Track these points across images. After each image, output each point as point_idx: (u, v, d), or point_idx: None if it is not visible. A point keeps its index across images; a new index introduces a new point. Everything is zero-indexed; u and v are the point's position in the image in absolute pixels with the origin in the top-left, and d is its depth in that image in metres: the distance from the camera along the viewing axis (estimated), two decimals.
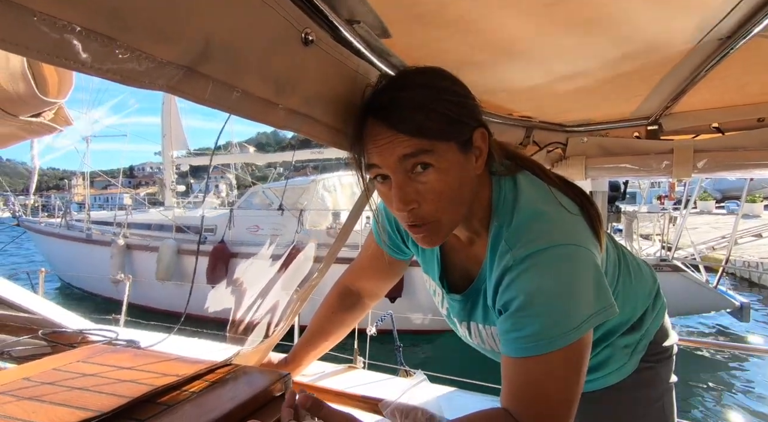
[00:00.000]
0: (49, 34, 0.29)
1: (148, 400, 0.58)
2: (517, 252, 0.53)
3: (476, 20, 0.60)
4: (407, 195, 0.52)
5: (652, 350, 0.76)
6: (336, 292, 0.85)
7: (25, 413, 0.53)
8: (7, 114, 0.51)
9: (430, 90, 0.53)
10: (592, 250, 0.54)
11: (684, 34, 0.67)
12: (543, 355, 0.50)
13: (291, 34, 0.49)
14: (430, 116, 0.51)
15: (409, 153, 0.50)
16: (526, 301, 0.51)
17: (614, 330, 0.72)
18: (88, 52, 0.30)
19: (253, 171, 11.62)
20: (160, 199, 10.57)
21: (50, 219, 10.07)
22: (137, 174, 42.86)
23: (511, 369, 0.53)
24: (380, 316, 2.32)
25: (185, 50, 0.36)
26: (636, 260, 0.79)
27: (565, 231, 0.54)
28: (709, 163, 1.21)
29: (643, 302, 0.76)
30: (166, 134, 9.85)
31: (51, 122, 0.56)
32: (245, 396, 0.62)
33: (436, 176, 0.51)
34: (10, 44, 0.28)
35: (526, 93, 1.00)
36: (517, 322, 0.51)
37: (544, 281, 0.51)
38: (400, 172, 0.52)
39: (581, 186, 0.65)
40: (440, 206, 0.53)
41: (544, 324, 0.50)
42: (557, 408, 0.50)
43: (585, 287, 0.52)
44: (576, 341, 0.50)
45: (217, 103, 0.43)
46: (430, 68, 0.57)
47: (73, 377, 0.65)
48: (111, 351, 0.80)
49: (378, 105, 0.53)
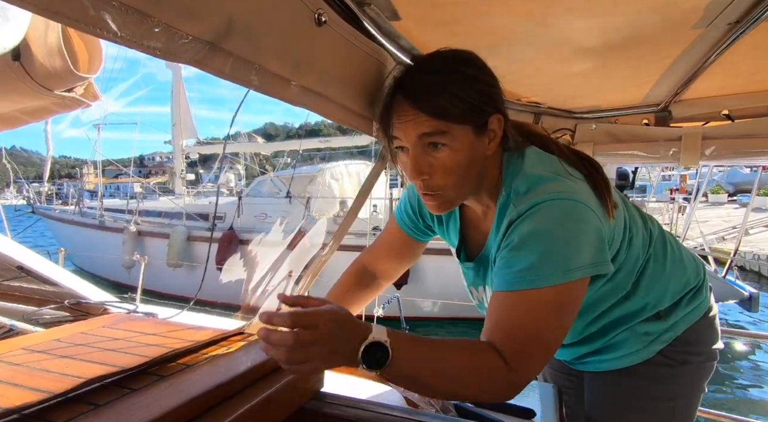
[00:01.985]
0: (90, 7, 0.32)
1: (169, 360, 0.63)
2: (519, 206, 0.56)
3: (484, 4, 0.62)
4: (420, 166, 0.58)
5: (679, 347, 0.72)
6: (353, 270, 0.89)
7: (58, 368, 0.58)
8: (44, 88, 0.55)
9: (457, 76, 0.57)
10: (592, 208, 0.56)
11: (693, 17, 0.68)
12: (528, 290, 0.52)
13: (305, 14, 0.52)
14: (453, 101, 0.55)
15: (428, 132, 0.56)
16: (521, 240, 0.54)
17: (636, 313, 0.71)
18: (123, 24, 0.33)
19: (261, 161, 11.69)
20: (170, 188, 10.72)
21: (64, 206, 10.30)
22: (147, 163, 43.38)
23: (497, 302, 0.56)
24: (387, 299, 2.37)
25: (210, 27, 0.39)
26: (680, 250, 0.77)
27: (566, 188, 0.57)
28: (717, 150, 1.21)
29: (674, 293, 0.72)
30: (176, 123, 9.94)
31: (82, 97, 0.60)
32: (258, 360, 0.66)
33: (449, 154, 0.57)
34: (54, 14, 0.31)
35: (535, 78, 1.01)
36: (510, 259, 0.55)
37: (541, 225, 0.54)
38: (418, 147, 0.57)
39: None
40: (449, 180, 0.58)
41: (535, 261, 0.52)
42: (533, 342, 0.52)
43: (580, 237, 0.54)
44: (563, 284, 0.52)
45: (236, 78, 0.46)
46: (462, 53, 0.60)
47: (100, 340, 0.70)
48: (133, 319, 0.85)
49: (407, 84, 0.57)
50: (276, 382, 0.63)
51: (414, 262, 0.91)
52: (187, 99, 10.24)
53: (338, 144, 8.59)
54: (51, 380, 0.54)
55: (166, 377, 0.58)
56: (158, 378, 0.57)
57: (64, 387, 0.50)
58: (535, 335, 0.52)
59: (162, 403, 0.50)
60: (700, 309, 0.75)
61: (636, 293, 0.70)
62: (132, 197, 8.99)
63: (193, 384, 0.55)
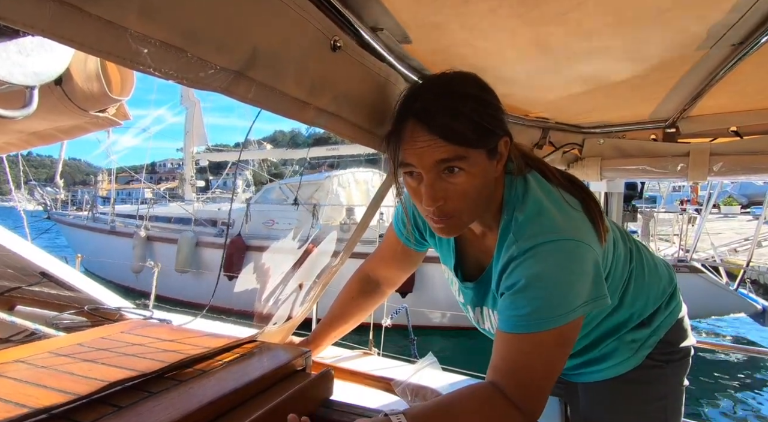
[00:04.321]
0: (133, 44, 0.35)
1: (186, 366, 0.65)
2: (521, 243, 0.58)
3: (492, 27, 0.64)
4: (436, 192, 0.57)
5: (663, 349, 0.76)
6: (357, 278, 0.92)
7: (82, 371, 0.61)
8: (80, 109, 0.59)
9: (471, 99, 0.56)
10: (592, 246, 0.58)
11: (697, 39, 0.70)
12: (534, 334, 0.55)
13: (322, 41, 0.55)
14: (470, 125, 0.55)
15: (446, 158, 0.55)
16: (525, 284, 0.56)
17: (623, 324, 0.75)
18: (161, 60, 0.37)
19: (269, 167, 11.85)
20: (180, 194, 10.91)
21: (78, 212, 10.55)
22: (159, 170, 44.22)
23: (503, 343, 0.58)
24: (395, 309, 2.38)
25: (238, 58, 0.42)
26: (653, 258, 0.81)
27: (567, 227, 0.59)
28: (725, 166, 1.21)
29: (656, 299, 0.77)
30: (188, 131, 10.16)
31: (114, 117, 0.65)
32: (270, 367, 0.68)
33: (465, 179, 0.57)
34: (101, 52, 0.34)
35: (543, 95, 1.03)
36: (515, 302, 0.57)
37: (544, 269, 0.56)
38: (433, 173, 0.56)
39: (597, 187, 0.69)
40: (464, 205, 0.59)
41: (540, 306, 0.55)
42: (539, 382, 0.56)
43: (581, 278, 0.57)
44: (565, 324, 0.55)
45: (258, 102, 0.50)
46: (469, 75, 0.60)
47: (119, 345, 0.73)
48: (149, 325, 0.88)
49: (421, 108, 0.56)
50: (287, 390, 0.65)
51: (415, 269, 0.93)
52: (201, 108, 10.48)
53: (347, 152, 8.68)
54: (76, 382, 0.57)
55: (183, 382, 0.60)
56: (176, 383, 0.60)
57: (89, 390, 0.53)
58: (542, 375, 0.56)
59: (180, 407, 0.53)
60: (677, 310, 0.80)
61: (622, 305, 0.74)
62: (143, 202, 9.16)
63: (209, 390, 0.58)
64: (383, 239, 0.91)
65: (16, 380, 0.58)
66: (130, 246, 7.53)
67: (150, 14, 0.34)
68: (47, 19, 0.29)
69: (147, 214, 8.00)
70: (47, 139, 0.70)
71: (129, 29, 0.33)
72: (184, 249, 6.89)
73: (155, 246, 7.56)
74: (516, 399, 0.54)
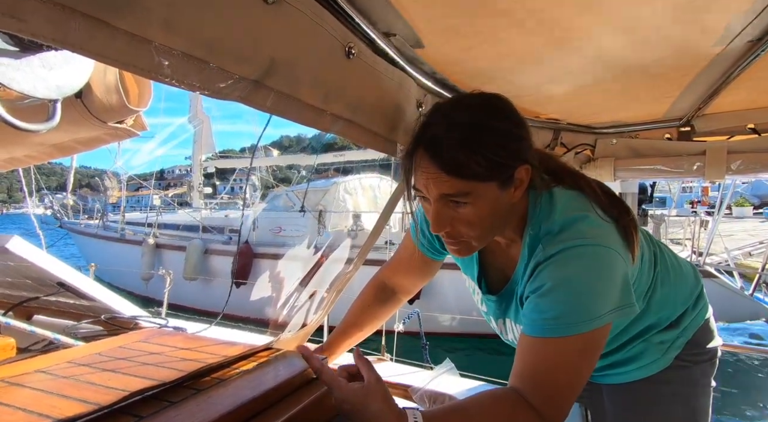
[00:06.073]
0: (156, 56, 0.35)
1: (203, 374, 0.65)
2: (549, 249, 0.57)
3: (503, 31, 0.64)
4: (442, 220, 0.57)
5: (690, 350, 0.75)
6: (372, 286, 0.91)
7: (102, 380, 0.61)
8: (99, 121, 0.60)
9: (482, 131, 0.53)
10: (620, 254, 0.57)
11: (713, 36, 0.69)
12: (559, 338, 0.53)
13: (337, 48, 0.55)
14: (477, 160, 0.52)
15: (449, 193, 0.54)
16: (552, 287, 0.55)
17: (652, 326, 0.73)
18: (183, 72, 0.37)
19: (275, 172, 11.95)
20: (187, 200, 11.04)
21: (89, 220, 10.72)
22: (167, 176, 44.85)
23: (527, 347, 0.56)
24: (407, 314, 2.36)
25: (256, 67, 0.43)
26: (677, 259, 0.79)
27: (595, 234, 0.57)
28: (743, 164, 1.19)
29: (684, 301, 0.76)
30: (197, 140, 10.31)
31: (131, 128, 0.65)
32: (286, 375, 0.67)
33: (471, 210, 0.56)
34: (125, 65, 0.35)
35: (554, 96, 1.02)
36: (539, 305, 0.56)
37: (571, 272, 0.55)
38: (440, 202, 0.56)
39: (610, 187, 0.68)
40: (472, 232, 0.58)
41: (566, 310, 0.53)
42: (563, 390, 0.54)
43: (608, 284, 0.55)
44: (591, 331, 0.53)
45: (276, 111, 0.50)
46: (490, 100, 0.57)
47: (137, 354, 0.73)
48: (165, 334, 0.88)
49: (431, 139, 0.54)
50: (305, 398, 0.64)
51: (432, 277, 0.92)
52: (209, 118, 10.64)
53: (353, 157, 8.71)
54: (97, 392, 0.57)
55: (201, 391, 0.60)
56: (194, 392, 0.59)
57: (110, 400, 0.53)
58: (566, 383, 0.54)
59: (199, 417, 0.52)
60: (704, 311, 0.79)
61: (650, 309, 0.72)
62: (151, 209, 9.27)
63: (227, 399, 0.58)
64: (400, 246, 0.90)
65: (38, 390, 0.58)
66: (139, 254, 7.61)
67: (173, 27, 0.34)
68: (75, 34, 0.30)
69: (156, 222, 8.09)
70: (66, 150, 0.71)
71: (153, 42, 0.33)
72: (192, 256, 6.93)
73: (164, 253, 7.63)
74: (537, 405, 0.53)
